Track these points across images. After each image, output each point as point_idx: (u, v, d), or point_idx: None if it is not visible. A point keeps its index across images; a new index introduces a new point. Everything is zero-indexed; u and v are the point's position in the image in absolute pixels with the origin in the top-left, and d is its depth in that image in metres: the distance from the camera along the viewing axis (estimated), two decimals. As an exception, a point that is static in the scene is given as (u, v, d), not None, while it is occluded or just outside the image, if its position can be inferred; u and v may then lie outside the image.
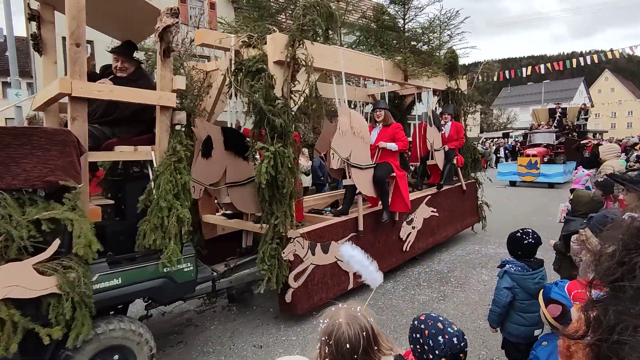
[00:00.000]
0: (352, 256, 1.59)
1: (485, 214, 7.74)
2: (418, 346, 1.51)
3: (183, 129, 4.95)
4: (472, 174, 7.71)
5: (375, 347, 1.27)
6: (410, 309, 4.27)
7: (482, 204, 7.77)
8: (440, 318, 1.51)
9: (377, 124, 4.98)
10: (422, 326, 1.50)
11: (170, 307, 4.23)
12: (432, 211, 6.23)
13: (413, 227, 5.68)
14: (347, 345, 1.21)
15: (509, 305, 2.42)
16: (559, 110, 16.34)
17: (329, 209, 5.06)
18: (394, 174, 4.83)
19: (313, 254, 4.09)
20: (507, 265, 2.47)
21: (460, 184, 6.99)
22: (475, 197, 7.66)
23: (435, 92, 7.20)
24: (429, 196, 6.14)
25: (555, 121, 15.86)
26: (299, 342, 3.69)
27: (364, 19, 5.57)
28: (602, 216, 2.43)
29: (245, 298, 4.55)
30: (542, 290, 2.02)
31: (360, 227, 4.66)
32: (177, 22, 2.94)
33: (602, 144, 8.96)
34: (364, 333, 1.23)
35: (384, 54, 5.37)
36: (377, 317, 3.87)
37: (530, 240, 2.44)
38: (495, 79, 12.11)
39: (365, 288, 1.34)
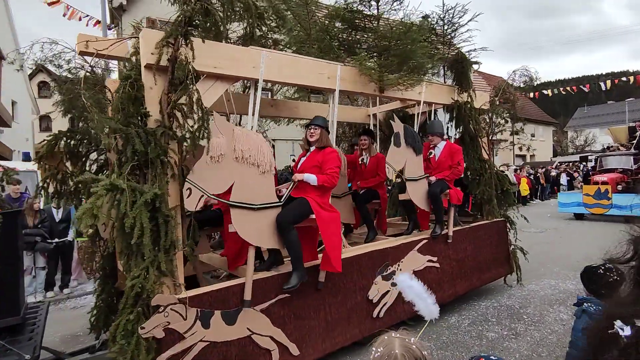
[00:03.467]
0: (410, 286, 1.64)
1: (519, 262, 5.96)
2: None
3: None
4: (501, 211, 6.02)
5: None
6: (477, 346, 4.00)
7: (516, 249, 6.01)
8: None
9: (311, 146, 3.72)
10: None
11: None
12: (430, 261, 4.73)
13: (394, 284, 4.24)
14: None
15: None
16: (640, 128, 13.48)
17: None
18: (313, 216, 3.36)
19: (206, 326, 2.92)
20: (585, 304, 2.21)
21: (484, 222, 5.39)
22: (505, 240, 5.92)
23: (444, 108, 5.82)
24: (425, 241, 4.67)
25: (636, 142, 13.06)
26: None
27: (328, 19, 4.49)
28: None
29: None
30: None
31: (247, 296, 3.12)
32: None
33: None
34: None
35: (356, 62, 4.18)
36: (441, 354, 3.87)
37: (615, 277, 2.17)
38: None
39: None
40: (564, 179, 18.49)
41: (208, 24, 2.95)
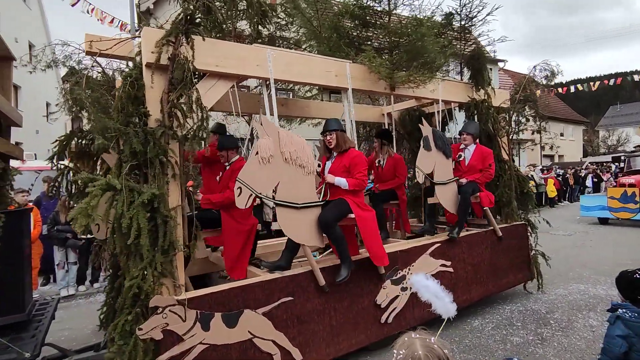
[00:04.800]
0: (425, 286, 1.64)
1: (540, 269, 5.67)
2: None
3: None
4: (522, 214, 5.75)
5: None
6: (502, 350, 3.93)
7: (537, 254, 5.72)
8: None
9: (333, 152, 3.71)
10: None
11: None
12: (443, 265, 4.55)
13: (403, 289, 4.10)
14: None
15: (624, 357, 2.14)
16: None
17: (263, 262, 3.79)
18: (353, 215, 3.46)
19: (205, 329, 2.88)
20: (619, 310, 2.21)
21: (491, 228, 5.14)
22: (526, 244, 5.64)
23: (460, 107, 5.61)
24: (438, 244, 4.50)
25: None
26: None
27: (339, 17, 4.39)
28: None
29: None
30: None
31: (322, 282, 3.37)
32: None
33: None
34: None
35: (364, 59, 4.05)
36: (464, 357, 3.83)
37: None
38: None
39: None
40: (589, 181, 17.52)
41: (210, 22, 2.91)
